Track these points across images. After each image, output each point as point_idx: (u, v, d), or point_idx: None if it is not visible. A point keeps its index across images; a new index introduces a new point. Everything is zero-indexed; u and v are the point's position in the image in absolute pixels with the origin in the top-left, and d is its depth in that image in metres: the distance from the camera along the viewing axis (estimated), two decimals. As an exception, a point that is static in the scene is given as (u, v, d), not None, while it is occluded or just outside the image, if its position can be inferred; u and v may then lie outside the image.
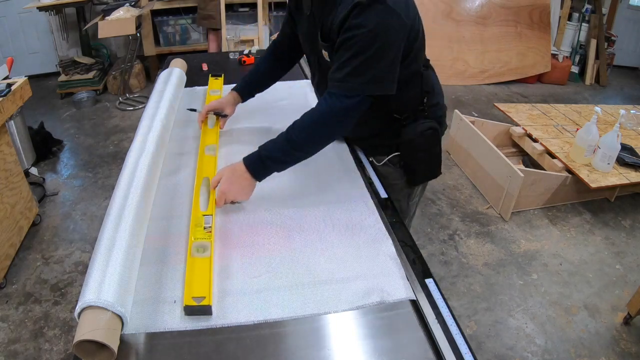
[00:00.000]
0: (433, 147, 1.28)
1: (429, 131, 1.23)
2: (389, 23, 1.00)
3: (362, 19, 0.99)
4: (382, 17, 0.99)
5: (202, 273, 0.87)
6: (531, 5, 4.46)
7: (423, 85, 1.22)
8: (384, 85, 1.05)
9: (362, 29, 0.99)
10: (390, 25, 1.01)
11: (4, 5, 4.09)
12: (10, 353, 1.73)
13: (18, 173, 2.23)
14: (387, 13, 0.99)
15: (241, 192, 1.09)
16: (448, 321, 0.80)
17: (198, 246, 0.94)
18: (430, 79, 1.25)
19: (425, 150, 1.27)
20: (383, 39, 1.00)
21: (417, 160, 1.29)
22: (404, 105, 1.22)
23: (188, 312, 0.80)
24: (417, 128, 1.23)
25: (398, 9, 1.01)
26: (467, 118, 2.97)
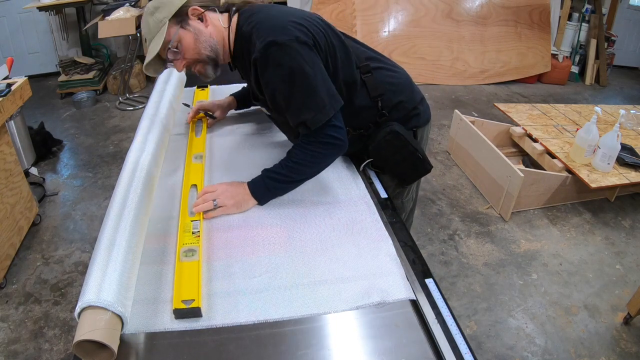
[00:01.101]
0: (401, 149, 1.23)
1: (389, 136, 1.21)
2: (292, 55, 1.01)
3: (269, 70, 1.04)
4: (283, 56, 1.01)
5: (191, 277, 0.87)
6: (531, 5, 4.46)
7: (370, 91, 1.20)
8: (333, 102, 1.06)
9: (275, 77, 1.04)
10: (295, 56, 1.01)
11: (4, 5, 4.09)
12: (10, 353, 1.73)
13: (18, 173, 2.23)
14: (284, 49, 1.01)
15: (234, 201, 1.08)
16: (448, 321, 0.80)
17: (186, 251, 0.94)
18: (378, 82, 1.21)
19: (395, 153, 1.24)
20: (299, 72, 1.02)
21: (392, 164, 1.27)
22: (359, 118, 1.22)
23: (178, 315, 0.81)
24: (377, 135, 1.22)
25: (291, 37, 1.01)
26: (467, 118, 2.97)
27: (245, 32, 1.09)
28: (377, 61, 1.25)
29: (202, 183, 1.18)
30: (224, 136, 1.43)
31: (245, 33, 1.09)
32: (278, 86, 1.05)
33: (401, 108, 1.26)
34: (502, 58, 4.53)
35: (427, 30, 4.37)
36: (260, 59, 1.02)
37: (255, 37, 1.04)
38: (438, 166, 3.09)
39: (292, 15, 1.09)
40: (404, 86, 1.28)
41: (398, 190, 1.38)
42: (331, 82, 1.08)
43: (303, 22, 1.07)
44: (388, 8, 4.30)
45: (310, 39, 1.05)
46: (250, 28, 1.07)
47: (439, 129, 3.60)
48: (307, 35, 1.05)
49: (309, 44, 1.04)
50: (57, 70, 4.34)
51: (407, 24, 4.34)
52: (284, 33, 1.01)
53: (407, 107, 1.27)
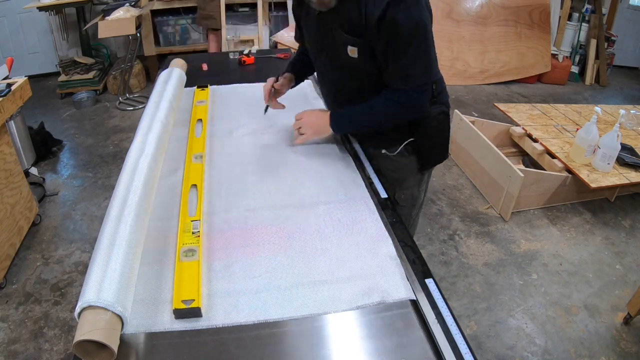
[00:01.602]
0: (443, 131, 1.36)
1: (441, 115, 1.32)
2: (423, 13, 1.07)
3: (403, 12, 1.03)
4: (418, 9, 1.05)
5: (191, 277, 0.87)
6: (531, 5, 4.46)
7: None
8: (435, 70, 1.16)
9: (407, 22, 1.04)
10: (425, 15, 1.08)
11: (4, 5, 4.09)
12: (10, 353, 1.73)
13: (18, 173, 2.23)
14: (419, 4, 1.06)
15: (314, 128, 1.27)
16: (448, 321, 0.80)
17: (186, 251, 0.94)
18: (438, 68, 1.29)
19: (438, 134, 1.35)
20: (423, 28, 1.07)
21: (431, 144, 1.35)
22: None
23: (178, 315, 0.81)
24: (431, 113, 1.29)
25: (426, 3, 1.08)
26: (467, 118, 2.97)
27: None
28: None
29: (202, 183, 1.18)
30: (224, 136, 1.43)
31: None
32: (405, 31, 1.05)
33: (444, 95, 1.35)
34: (502, 58, 4.53)
35: (427, 30, 4.37)
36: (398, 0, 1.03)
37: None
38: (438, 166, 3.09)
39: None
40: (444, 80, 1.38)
41: (417, 178, 1.43)
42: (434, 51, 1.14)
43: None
44: (388, 8, 4.30)
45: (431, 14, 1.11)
46: None
47: (439, 129, 3.59)
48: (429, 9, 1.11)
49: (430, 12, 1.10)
50: (57, 70, 4.34)
51: (407, 24, 4.33)
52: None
53: (445, 98, 1.36)
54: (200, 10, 3.82)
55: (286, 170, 1.25)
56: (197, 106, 1.62)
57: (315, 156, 1.32)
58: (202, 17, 3.84)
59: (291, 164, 1.28)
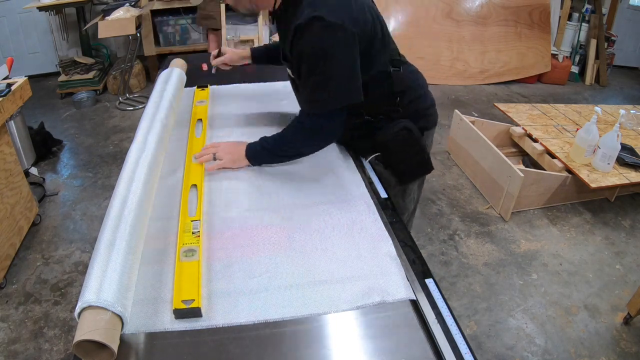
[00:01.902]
0: (410, 147, 1.26)
1: (402, 132, 1.24)
2: (332, 38, 1.02)
3: (305, 40, 1.04)
4: (324, 34, 1.01)
5: (191, 277, 0.87)
6: (531, 5, 4.46)
7: (393, 86, 1.21)
8: (348, 96, 1.09)
9: (308, 50, 1.04)
10: (335, 39, 1.02)
11: (4, 5, 4.09)
12: (10, 353, 1.73)
13: (18, 173, 2.23)
14: (328, 28, 1.01)
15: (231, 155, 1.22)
16: (448, 321, 0.80)
17: (186, 251, 0.94)
18: (403, 79, 1.23)
19: (402, 151, 1.27)
20: (330, 55, 1.03)
21: (397, 160, 1.29)
22: (374, 107, 1.23)
23: (178, 315, 0.81)
24: (390, 129, 1.24)
25: (339, 21, 1.01)
26: (467, 118, 2.97)
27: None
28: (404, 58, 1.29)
29: (202, 183, 1.18)
30: (224, 136, 1.43)
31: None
32: (306, 59, 1.06)
33: (415, 107, 1.29)
34: (502, 58, 4.53)
35: (427, 30, 4.37)
36: (303, 27, 1.02)
37: (307, 4, 1.03)
38: (438, 166, 3.09)
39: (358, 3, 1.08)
40: (423, 88, 1.33)
41: (399, 189, 1.39)
42: (359, 76, 1.09)
43: (356, 6, 1.07)
44: (388, 8, 4.30)
45: (358, 29, 1.05)
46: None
47: (439, 129, 3.57)
48: (355, 24, 1.05)
49: (353, 34, 1.04)
50: (57, 70, 4.33)
51: (407, 24, 4.34)
52: (335, 13, 1.01)
53: (420, 107, 1.30)
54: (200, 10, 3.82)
55: (286, 170, 1.25)
56: (197, 106, 1.62)
57: (316, 156, 1.31)
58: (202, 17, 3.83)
59: (291, 164, 1.28)
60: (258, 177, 1.22)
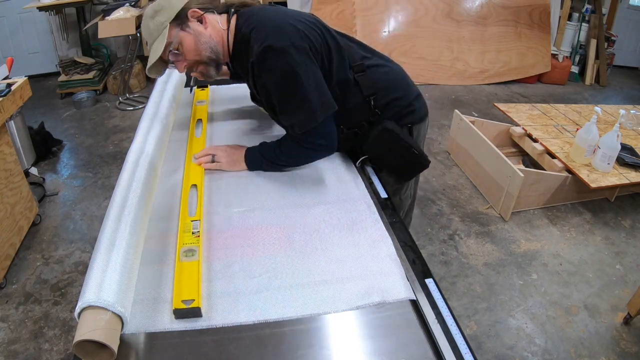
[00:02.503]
0: (395, 146, 1.24)
1: (382, 134, 1.22)
2: (287, 60, 1.04)
3: (264, 73, 1.07)
4: (278, 60, 1.04)
5: (191, 277, 0.87)
6: (531, 5, 4.46)
7: (362, 90, 1.20)
8: (326, 107, 1.10)
9: (270, 80, 1.08)
10: (290, 60, 1.04)
11: (4, 5, 4.09)
12: (10, 353, 1.73)
13: (18, 173, 2.23)
14: (280, 54, 1.03)
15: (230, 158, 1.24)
16: (448, 321, 0.80)
17: (186, 251, 0.94)
18: (372, 81, 1.22)
19: (389, 151, 1.25)
20: (292, 76, 1.05)
21: (387, 161, 1.28)
22: (351, 116, 1.23)
23: (178, 315, 0.81)
24: (371, 134, 1.24)
25: (287, 43, 1.04)
26: (467, 118, 2.97)
27: (245, 34, 1.12)
28: (370, 59, 1.25)
29: (202, 183, 1.18)
30: (224, 136, 1.43)
31: (244, 35, 1.12)
32: (272, 89, 1.10)
33: (394, 105, 1.26)
34: (502, 58, 4.53)
35: (427, 30, 4.37)
36: (257, 63, 1.06)
37: (253, 41, 1.07)
38: (438, 166, 3.09)
39: (290, 17, 1.11)
40: (398, 83, 1.29)
41: (396, 187, 1.39)
42: (325, 86, 1.11)
43: (300, 25, 1.08)
44: (388, 8, 4.30)
45: (307, 43, 1.07)
46: (249, 30, 1.09)
47: (439, 129, 3.60)
48: (303, 39, 1.06)
49: (305, 49, 1.06)
50: (57, 70, 4.33)
51: (407, 24, 4.34)
52: (280, 37, 1.04)
53: (400, 104, 1.27)
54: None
55: (286, 170, 1.25)
56: (197, 106, 1.62)
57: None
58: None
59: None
60: (258, 177, 1.22)
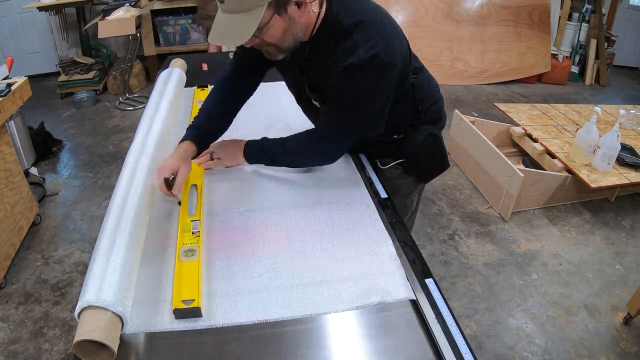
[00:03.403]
0: (436, 151, 1.27)
1: (428, 139, 1.23)
2: (384, 78, 0.99)
3: (358, 78, 0.97)
4: (378, 73, 0.97)
5: (191, 277, 0.87)
6: (531, 5, 4.45)
7: (415, 95, 1.19)
8: (372, 129, 1.08)
9: (358, 86, 0.99)
10: (386, 79, 0.99)
11: (4, 5, 4.09)
12: (10, 353, 1.73)
13: (18, 173, 2.23)
14: (383, 69, 0.97)
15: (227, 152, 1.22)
16: (448, 321, 0.80)
17: (186, 251, 0.94)
18: (421, 86, 1.20)
19: (431, 155, 1.27)
20: (375, 93, 1.00)
21: (422, 164, 1.29)
22: (400, 121, 1.21)
23: (178, 315, 0.81)
24: (417, 138, 1.23)
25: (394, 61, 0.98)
26: (467, 118, 2.97)
27: (343, 25, 0.96)
28: (418, 61, 1.22)
29: (202, 183, 1.18)
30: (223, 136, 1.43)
31: (340, 24, 0.97)
32: (352, 92, 1.01)
33: (432, 110, 1.26)
34: (502, 58, 4.53)
35: (427, 30, 4.37)
36: (358, 66, 0.95)
37: (361, 40, 0.95)
38: (438, 166, 3.09)
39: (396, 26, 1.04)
40: (437, 89, 1.30)
41: (412, 187, 1.39)
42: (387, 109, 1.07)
43: (404, 41, 1.05)
44: (388, 8, 4.26)
45: (402, 64, 1.02)
46: (353, 24, 0.96)
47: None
48: (403, 58, 1.03)
49: (399, 69, 1.01)
50: (57, 70, 4.33)
51: (407, 24, 4.34)
52: (391, 53, 0.97)
53: (436, 109, 1.27)
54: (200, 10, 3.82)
55: (286, 170, 1.25)
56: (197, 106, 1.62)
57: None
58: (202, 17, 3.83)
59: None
60: (258, 177, 1.22)
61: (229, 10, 0.88)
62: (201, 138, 1.17)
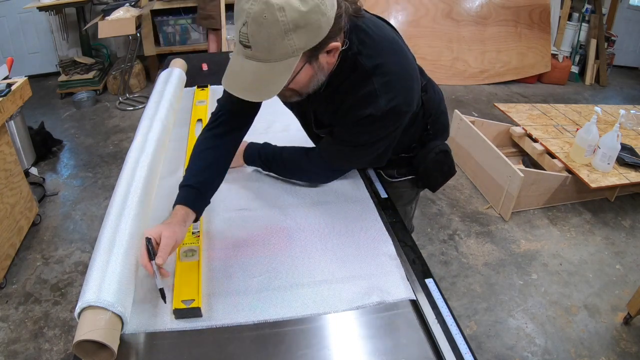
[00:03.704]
0: (447, 166, 1.26)
1: (439, 156, 1.22)
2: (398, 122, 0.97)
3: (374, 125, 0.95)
4: (393, 119, 0.95)
5: (191, 277, 0.87)
6: (531, 5, 4.46)
7: (425, 111, 1.15)
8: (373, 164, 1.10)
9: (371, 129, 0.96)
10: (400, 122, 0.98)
11: (4, 5, 4.09)
12: (10, 353, 1.73)
13: (18, 173, 2.23)
14: (399, 115, 0.95)
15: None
16: (448, 321, 0.80)
17: (186, 251, 0.94)
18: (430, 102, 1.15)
19: (439, 170, 1.25)
20: (386, 135, 0.99)
21: (433, 178, 1.28)
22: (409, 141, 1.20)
23: (178, 315, 0.81)
24: (427, 156, 1.20)
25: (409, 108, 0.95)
26: (467, 118, 2.97)
27: (365, 67, 0.90)
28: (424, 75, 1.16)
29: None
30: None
31: (364, 68, 0.90)
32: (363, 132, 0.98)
33: (438, 123, 1.23)
34: (502, 58, 4.53)
35: (427, 30, 4.37)
36: (376, 117, 0.92)
37: (382, 88, 0.90)
38: (438, 166, 3.09)
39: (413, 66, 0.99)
40: (442, 101, 1.26)
41: (413, 195, 1.39)
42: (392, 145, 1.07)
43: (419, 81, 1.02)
44: (388, 8, 4.30)
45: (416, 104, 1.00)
46: (374, 67, 0.90)
47: (439, 129, 3.59)
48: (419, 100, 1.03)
49: (413, 111, 0.99)
50: (57, 70, 4.33)
51: (407, 24, 4.34)
52: (409, 101, 0.95)
53: (443, 121, 1.26)
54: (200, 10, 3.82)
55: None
56: (198, 106, 1.62)
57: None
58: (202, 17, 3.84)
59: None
60: (258, 178, 1.22)
61: (255, 58, 0.77)
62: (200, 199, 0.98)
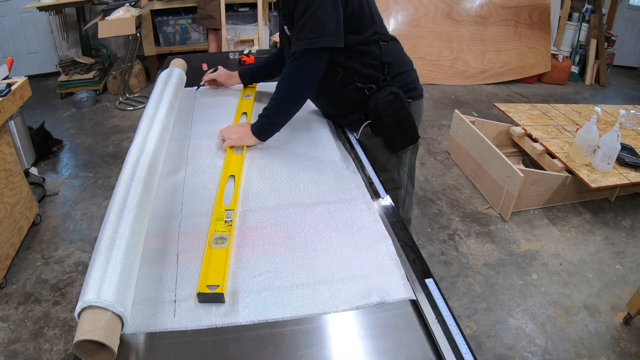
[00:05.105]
0: (399, 111, 1.39)
1: (390, 96, 1.37)
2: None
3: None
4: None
5: (219, 263, 0.90)
6: (531, 5, 4.46)
7: (382, 56, 1.36)
8: (329, 38, 1.22)
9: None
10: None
11: (4, 5, 4.10)
12: (10, 353, 1.73)
13: (18, 173, 2.23)
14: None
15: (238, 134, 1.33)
16: (448, 321, 0.80)
17: (217, 238, 0.97)
18: (391, 52, 1.39)
19: (392, 114, 1.38)
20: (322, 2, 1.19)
21: (387, 124, 1.40)
22: (365, 74, 1.37)
23: (201, 299, 0.83)
24: (380, 95, 1.38)
25: None
26: (467, 118, 2.97)
27: None
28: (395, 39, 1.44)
29: (241, 174, 1.21)
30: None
31: None
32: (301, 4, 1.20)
33: (401, 79, 1.42)
34: (502, 58, 4.53)
35: (427, 30, 4.37)
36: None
37: None
38: (438, 166, 3.09)
39: None
40: (408, 62, 1.48)
41: (394, 161, 1.49)
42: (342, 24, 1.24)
43: None
44: (388, 8, 4.30)
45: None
46: None
47: (439, 129, 3.60)
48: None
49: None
50: (57, 70, 4.34)
51: (407, 24, 4.34)
52: None
53: (406, 79, 1.44)
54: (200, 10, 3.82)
55: (286, 170, 1.25)
56: (244, 100, 1.68)
57: (316, 156, 1.32)
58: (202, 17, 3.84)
59: (291, 164, 1.28)
60: (258, 178, 1.22)
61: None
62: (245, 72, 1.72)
